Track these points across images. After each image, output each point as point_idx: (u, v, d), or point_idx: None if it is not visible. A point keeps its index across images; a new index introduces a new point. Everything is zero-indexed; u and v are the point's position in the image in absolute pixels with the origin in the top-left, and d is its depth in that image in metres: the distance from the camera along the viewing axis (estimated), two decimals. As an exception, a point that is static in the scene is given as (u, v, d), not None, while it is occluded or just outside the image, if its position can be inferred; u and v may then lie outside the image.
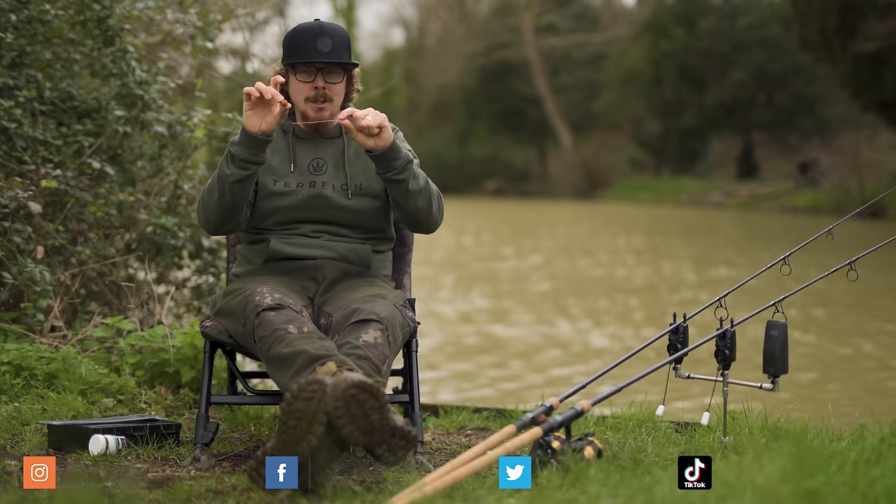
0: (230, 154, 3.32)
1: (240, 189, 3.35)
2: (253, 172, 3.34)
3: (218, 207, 3.38)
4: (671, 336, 3.47)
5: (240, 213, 3.42)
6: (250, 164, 3.32)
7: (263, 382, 4.88)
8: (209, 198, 3.39)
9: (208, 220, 3.43)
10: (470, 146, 41.06)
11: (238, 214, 3.42)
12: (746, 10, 35.74)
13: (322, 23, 3.50)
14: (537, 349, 8.62)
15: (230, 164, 3.32)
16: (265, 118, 3.28)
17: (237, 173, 3.32)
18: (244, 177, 3.33)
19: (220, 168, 3.35)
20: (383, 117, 3.27)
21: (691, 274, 14.20)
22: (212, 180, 3.39)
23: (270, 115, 3.28)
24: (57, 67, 5.05)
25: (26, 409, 3.81)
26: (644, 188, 35.65)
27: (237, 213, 3.42)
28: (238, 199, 3.37)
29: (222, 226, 3.44)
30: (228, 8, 6.27)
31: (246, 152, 3.31)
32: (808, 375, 7.38)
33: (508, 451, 2.85)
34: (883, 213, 21.89)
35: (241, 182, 3.33)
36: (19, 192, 4.37)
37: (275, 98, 3.26)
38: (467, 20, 42.40)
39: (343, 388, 2.80)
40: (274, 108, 3.27)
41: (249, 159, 3.31)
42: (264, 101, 3.27)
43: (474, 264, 15.62)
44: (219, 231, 3.47)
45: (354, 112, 3.26)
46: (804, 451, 2.57)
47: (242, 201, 3.39)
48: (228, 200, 3.36)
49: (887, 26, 21.52)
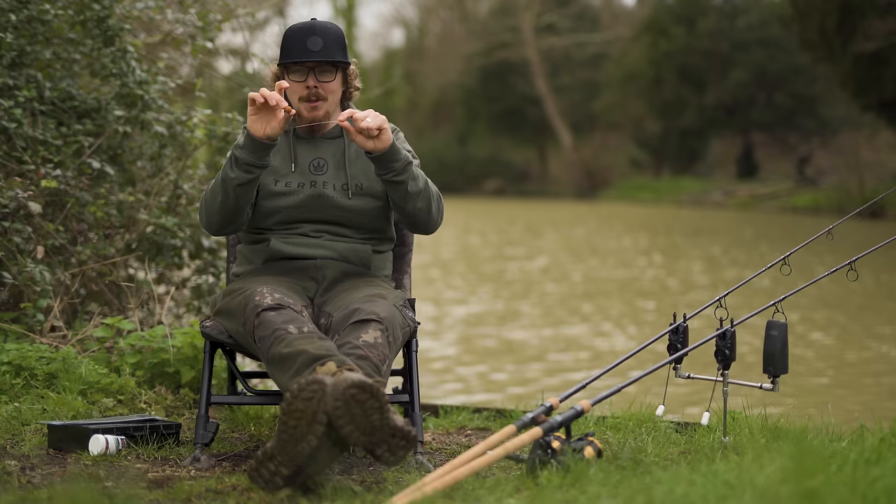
0: (234, 157, 3.33)
1: (243, 192, 3.36)
2: (256, 176, 3.35)
3: (221, 210, 3.39)
4: (671, 336, 3.47)
5: (242, 214, 3.43)
6: (254, 167, 3.33)
7: (263, 382, 4.88)
8: (212, 200, 3.39)
9: (211, 221, 3.44)
10: (470, 146, 41.05)
11: (241, 216, 3.43)
12: (746, 10, 35.73)
13: (314, 22, 3.51)
14: (551, 350, 8.62)
15: (234, 167, 3.33)
16: (269, 123, 3.29)
17: (241, 177, 3.33)
18: (248, 180, 3.34)
19: (223, 171, 3.35)
20: (383, 119, 3.27)
21: (706, 275, 14.19)
22: (214, 182, 3.39)
23: (275, 119, 3.29)
24: (57, 67, 5.05)
25: (26, 409, 3.81)
26: (644, 188, 35.66)
27: (240, 216, 3.43)
28: (241, 201, 3.38)
29: (224, 227, 3.46)
30: (228, 8, 6.27)
31: (250, 156, 3.32)
32: (819, 380, 7.37)
33: (508, 451, 2.85)
34: (883, 213, 21.89)
35: (244, 185, 3.34)
36: (19, 192, 4.37)
37: (279, 104, 3.26)
38: (467, 20, 42.41)
39: (343, 388, 2.80)
40: (278, 113, 3.28)
41: (253, 163, 3.32)
42: (269, 107, 3.27)
43: (485, 265, 15.62)
44: (221, 232, 3.48)
45: (354, 114, 3.26)
46: (804, 451, 2.57)
47: (245, 204, 3.40)
48: (232, 203, 3.37)
49: (887, 26, 21.52)
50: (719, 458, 3.15)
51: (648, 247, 18.32)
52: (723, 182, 34.63)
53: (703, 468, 2.87)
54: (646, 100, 37.48)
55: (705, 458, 3.22)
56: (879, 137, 29.31)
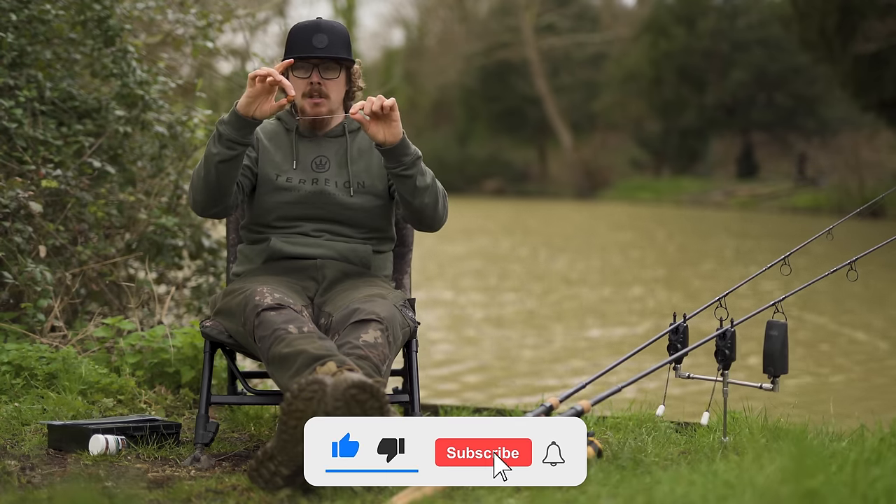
0: (217, 133, 3.31)
1: (225, 169, 3.33)
2: (239, 154, 3.32)
3: (204, 188, 3.37)
4: (671, 336, 3.47)
5: (227, 196, 3.40)
6: (237, 144, 3.30)
7: (263, 382, 4.89)
8: (197, 178, 3.39)
9: (195, 200, 3.43)
10: (470, 146, 41.03)
11: (225, 198, 3.40)
12: (746, 10, 35.72)
13: (320, 20, 3.52)
14: (552, 350, 8.62)
15: (216, 142, 3.31)
16: (261, 106, 3.28)
17: (223, 153, 3.31)
18: (230, 157, 3.31)
19: (207, 147, 3.35)
20: (393, 101, 3.27)
21: (710, 275, 14.19)
22: (201, 160, 3.39)
23: (268, 104, 3.28)
24: (57, 67, 5.05)
25: (26, 409, 3.81)
26: (644, 188, 35.65)
27: (224, 196, 3.39)
28: (224, 179, 3.35)
29: (209, 208, 3.42)
30: (229, 8, 6.27)
31: (233, 133, 3.29)
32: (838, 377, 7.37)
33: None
34: (883, 213, 21.88)
35: (226, 162, 3.32)
36: (20, 192, 4.37)
37: (287, 90, 3.25)
38: (467, 20, 42.39)
39: (343, 389, 2.80)
40: (271, 98, 3.27)
41: (236, 140, 3.30)
42: (268, 89, 3.26)
43: (486, 265, 15.62)
44: (206, 213, 3.45)
45: (364, 103, 3.26)
46: (804, 451, 2.57)
47: (229, 183, 3.37)
48: (213, 180, 3.34)
49: (887, 26, 21.52)
50: (719, 458, 3.15)
51: (648, 245, 18.32)
52: (723, 182, 34.62)
53: (703, 468, 2.87)
54: (646, 100, 37.47)
55: (705, 458, 3.22)
56: (879, 137, 29.31)
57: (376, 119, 3.28)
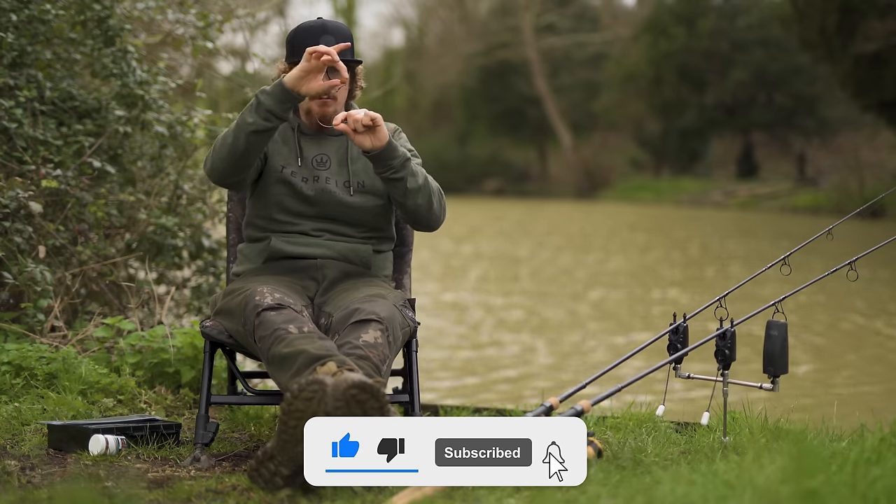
0: (257, 102, 3.30)
1: (256, 140, 3.31)
2: (273, 127, 3.31)
3: (229, 156, 3.34)
4: (671, 336, 3.47)
5: (248, 168, 3.39)
6: (274, 117, 3.30)
7: (263, 382, 4.89)
8: (222, 145, 3.35)
9: (215, 167, 3.39)
10: (470, 146, 41.03)
11: (246, 169, 3.39)
12: (746, 10, 35.71)
13: (325, 21, 3.52)
14: (551, 350, 8.62)
15: (254, 111, 3.29)
16: (310, 83, 3.28)
17: (259, 123, 3.30)
18: (265, 128, 3.30)
19: (241, 116, 3.32)
20: (376, 114, 3.28)
21: (714, 274, 14.19)
22: (229, 129, 3.36)
23: (316, 81, 3.28)
24: (57, 67, 5.05)
25: (26, 409, 3.81)
26: (644, 188, 35.64)
27: (246, 167, 3.38)
28: (251, 150, 3.33)
29: (228, 176, 3.40)
30: (229, 8, 6.27)
31: (275, 104, 3.28)
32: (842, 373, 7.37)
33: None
34: (883, 213, 21.89)
35: (259, 133, 3.30)
36: (20, 192, 4.37)
37: (342, 72, 3.26)
38: (467, 20, 42.38)
39: (343, 389, 2.80)
40: (320, 77, 3.27)
41: (276, 112, 3.29)
42: (320, 68, 3.26)
43: (486, 265, 15.62)
44: (223, 181, 3.43)
45: (348, 114, 3.27)
46: (804, 451, 2.57)
47: (253, 156, 3.36)
48: (241, 149, 3.32)
49: (887, 26, 21.53)
50: (719, 458, 3.15)
51: (648, 244, 18.32)
52: (723, 182, 34.61)
53: (703, 468, 2.87)
54: (646, 100, 37.46)
55: (705, 458, 3.22)
56: (879, 137, 29.32)
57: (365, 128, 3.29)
